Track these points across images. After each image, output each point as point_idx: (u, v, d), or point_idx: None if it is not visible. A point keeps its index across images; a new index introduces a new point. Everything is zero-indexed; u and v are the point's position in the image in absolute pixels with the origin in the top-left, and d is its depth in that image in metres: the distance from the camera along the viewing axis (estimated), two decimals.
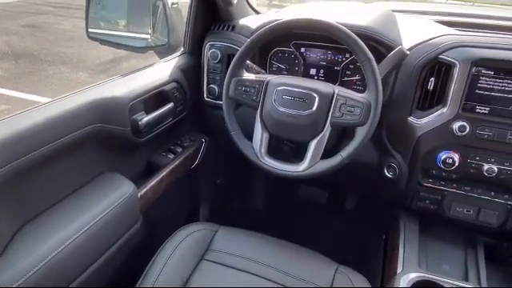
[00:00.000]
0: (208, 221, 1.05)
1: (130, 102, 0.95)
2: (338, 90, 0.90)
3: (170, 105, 1.10)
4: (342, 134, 1.05)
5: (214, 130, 1.30)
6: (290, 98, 0.92)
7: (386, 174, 1.06)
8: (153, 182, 1.04)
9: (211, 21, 1.24)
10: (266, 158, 0.95)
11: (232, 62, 0.98)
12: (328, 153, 0.92)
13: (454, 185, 0.97)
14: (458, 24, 1.05)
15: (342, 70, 1.11)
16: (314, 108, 0.89)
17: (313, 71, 1.16)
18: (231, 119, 1.00)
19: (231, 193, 1.67)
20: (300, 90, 0.91)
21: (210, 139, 1.33)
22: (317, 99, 0.90)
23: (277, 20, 0.94)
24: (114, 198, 0.89)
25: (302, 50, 1.15)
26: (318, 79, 1.16)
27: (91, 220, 0.82)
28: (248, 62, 1.05)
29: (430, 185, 0.99)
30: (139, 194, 0.98)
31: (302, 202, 1.67)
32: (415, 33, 1.01)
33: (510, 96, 0.87)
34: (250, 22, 1.22)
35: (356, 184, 1.36)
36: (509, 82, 0.87)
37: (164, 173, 1.09)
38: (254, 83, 0.97)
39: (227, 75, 0.99)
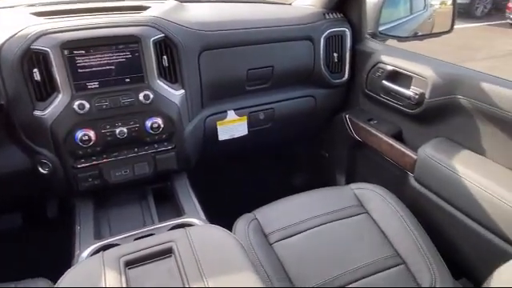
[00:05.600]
0: None
1: None
2: None
3: None
4: None
5: None
6: None
7: (42, 171, 1.05)
8: None
9: None
10: None
11: None
12: None
13: (104, 155, 1.07)
14: (53, 12, 1.09)
15: None
16: None
17: None
18: None
19: None
20: None
21: None
22: None
23: None
24: None
25: None
26: None
27: None
28: None
29: (84, 164, 1.05)
30: None
31: None
32: (8, 27, 0.98)
33: (107, 68, 1.01)
34: None
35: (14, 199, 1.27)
36: (101, 56, 1.00)
37: None
38: None
39: None
